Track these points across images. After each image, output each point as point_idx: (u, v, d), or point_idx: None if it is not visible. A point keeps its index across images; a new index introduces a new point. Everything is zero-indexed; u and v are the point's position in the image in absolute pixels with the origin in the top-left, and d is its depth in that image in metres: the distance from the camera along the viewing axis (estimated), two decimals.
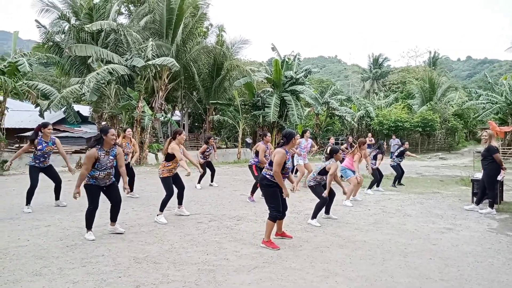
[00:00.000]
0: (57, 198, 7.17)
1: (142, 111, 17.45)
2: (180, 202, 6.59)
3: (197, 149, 27.95)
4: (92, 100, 17.43)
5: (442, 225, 6.34)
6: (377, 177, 9.74)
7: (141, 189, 9.26)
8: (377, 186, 9.97)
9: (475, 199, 7.81)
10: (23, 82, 17.42)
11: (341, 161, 7.60)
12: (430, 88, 36.86)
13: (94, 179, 5.02)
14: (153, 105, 20.18)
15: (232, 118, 24.16)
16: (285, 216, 5.20)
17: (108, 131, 5.00)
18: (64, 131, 26.60)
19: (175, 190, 6.34)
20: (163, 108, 20.55)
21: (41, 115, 20.23)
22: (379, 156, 9.85)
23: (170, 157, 6.09)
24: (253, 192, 8.24)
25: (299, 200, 8.33)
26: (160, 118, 19.39)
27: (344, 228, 5.97)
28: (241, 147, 24.19)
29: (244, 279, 3.86)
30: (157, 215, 6.16)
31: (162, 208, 6.13)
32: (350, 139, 13.06)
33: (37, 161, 6.74)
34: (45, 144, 6.70)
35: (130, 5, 25.47)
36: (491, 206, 7.29)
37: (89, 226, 5.14)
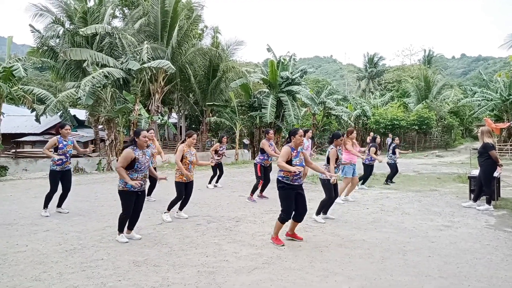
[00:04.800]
0: (59, 205, 6.95)
1: (139, 114, 17.44)
2: (181, 208, 6.64)
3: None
4: (88, 104, 17.41)
5: (440, 222, 6.37)
6: (366, 173, 9.87)
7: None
8: (362, 183, 10.04)
9: (472, 196, 7.85)
10: (19, 87, 17.38)
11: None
12: (426, 86, 37.07)
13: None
14: (149, 108, 20.17)
15: (229, 119, 24.18)
16: (302, 220, 5.18)
17: (140, 133, 5.01)
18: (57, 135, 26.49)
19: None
20: (159, 111, 20.55)
21: (37, 119, 20.17)
22: (372, 149, 9.87)
23: (181, 159, 6.26)
24: (253, 192, 8.26)
25: None
26: (157, 121, 19.37)
27: (343, 228, 5.99)
28: (238, 148, 24.20)
29: (244, 280, 3.87)
30: (164, 213, 6.42)
31: (169, 208, 6.41)
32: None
33: (59, 162, 6.63)
34: (65, 143, 6.73)
35: (124, 8, 25.46)
36: (489, 202, 7.33)
37: (121, 229, 5.14)
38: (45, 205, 6.74)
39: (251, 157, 26.53)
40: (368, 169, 9.91)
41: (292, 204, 4.95)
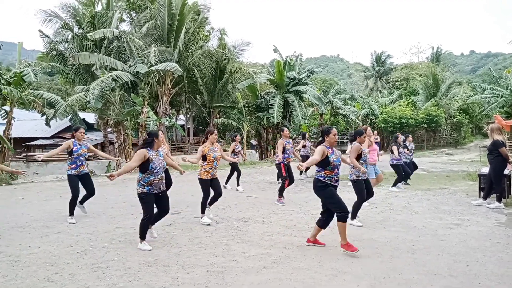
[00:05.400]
0: (82, 202, 6.86)
1: (147, 117, 17.59)
2: (210, 203, 6.53)
3: None
4: (97, 107, 17.62)
5: (450, 221, 6.33)
6: (401, 174, 9.50)
7: None
8: (405, 183, 9.79)
9: (482, 194, 7.78)
10: (29, 92, 17.60)
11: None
12: (434, 84, 36.76)
13: (149, 186, 4.91)
14: (157, 110, 20.33)
15: (236, 120, 24.25)
16: (326, 227, 4.96)
17: (159, 134, 5.09)
18: (70, 139, 26.81)
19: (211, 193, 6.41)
20: (167, 113, 20.70)
21: (48, 123, 20.42)
22: (394, 148, 9.53)
23: (204, 157, 6.23)
24: (281, 193, 8.07)
25: (306, 200, 8.34)
26: (165, 123, 19.50)
27: (351, 227, 5.96)
28: (246, 149, 24.23)
29: (253, 280, 3.89)
30: (201, 218, 6.34)
31: (202, 211, 6.34)
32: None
33: (73, 166, 6.56)
34: (79, 146, 6.68)
35: (131, 12, 25.67)
36: (499, 200, 7.27)
37: (143, 236, 4.97)
38: (71, 212, 6.58)
39: (259, 157, 26.54)
40: (400, 168, 9.50)
41: (341, 199, 4.72)
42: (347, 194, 7.88)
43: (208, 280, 3.87)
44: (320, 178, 4.77)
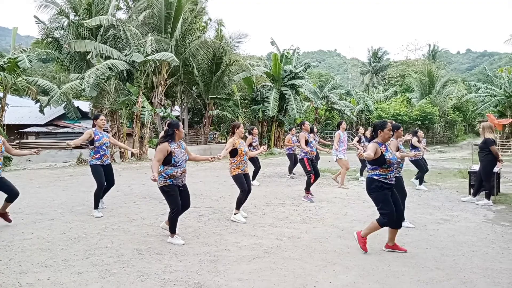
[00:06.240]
0: (101, 197, 6.58)
1: (142, 106, 17.54)
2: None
3: (197, 144, 28.12)
4: (92, 96, 17.49)
5: (439, 216, 6.45)
6: (422, 168, 9.24)
7: (142, 183, 9.37)
8: (419, 183, 9.37)
9: (472, 190, 7.91)
10: (23, 78, 17.46)
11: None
12: (429, 82, 36.97)
13: (172, 178, 4.71)
14: (152, 100, 20.24)
15: (231, 112, 24.24)
16: (401, 226, 4.60)
17: (179, 125, 4.88)
18: (64, 126, 26.64)
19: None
20: (162, 103, 20.63)
21: (41, 111, 20.30)
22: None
23: (233, 153, 5.88)
24: (307, 189, 7.76)
25: (299, 193, 8.42)
26: (160, 113, 19.46)
27: (343, 220, 6.08)
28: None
29: (244, 268, 3.96)
30: (234, 214, 5.99)
31: (238, 206, 5.96)
32: (361, 130, 11.24)
33: (97, 155, 6.28)
34: (101, 135, 6.37)
35: (128, 0, 25.39)
36: (488, 197, 7.40)
37: (173, 229, 4.81)
38: (96, 205, 6.26)
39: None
40: (420, 164, 9.24)
41: (393, 206, 4.39)
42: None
43: (200, 268, 3.94)
44: (375, 177, 4.43)
